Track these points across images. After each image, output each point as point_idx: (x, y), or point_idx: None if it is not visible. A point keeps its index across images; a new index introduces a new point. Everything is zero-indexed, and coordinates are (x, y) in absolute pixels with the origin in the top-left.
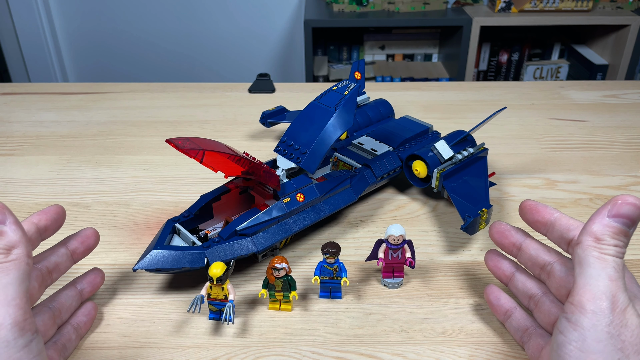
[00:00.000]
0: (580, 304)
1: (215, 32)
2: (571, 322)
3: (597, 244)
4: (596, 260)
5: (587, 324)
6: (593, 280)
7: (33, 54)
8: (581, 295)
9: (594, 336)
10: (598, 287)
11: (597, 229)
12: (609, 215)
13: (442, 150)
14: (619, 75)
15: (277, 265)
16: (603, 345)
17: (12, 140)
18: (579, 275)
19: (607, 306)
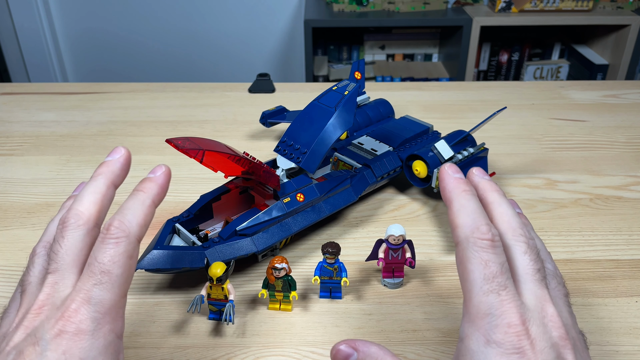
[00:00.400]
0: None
1: (215, 32)
2: None
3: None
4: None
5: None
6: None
7: (33, 54)
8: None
9: None
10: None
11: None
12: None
13: (442, 150)
14: (619, 75)
15: (277, 265)
16: None
17: (11, 140)
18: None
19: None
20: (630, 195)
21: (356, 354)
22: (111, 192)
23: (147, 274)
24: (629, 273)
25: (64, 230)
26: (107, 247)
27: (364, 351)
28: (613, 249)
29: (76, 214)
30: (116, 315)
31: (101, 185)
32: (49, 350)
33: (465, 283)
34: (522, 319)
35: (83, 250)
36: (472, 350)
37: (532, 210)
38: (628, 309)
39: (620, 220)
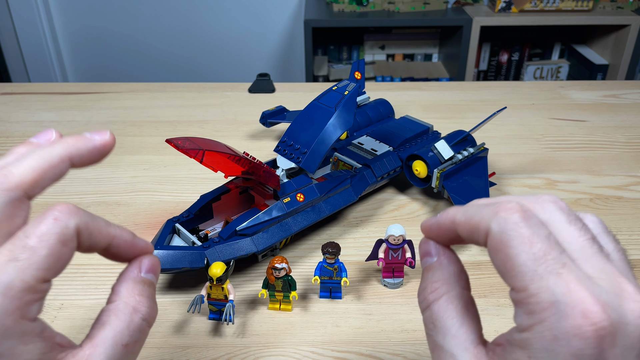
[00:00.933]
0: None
1: (215, 32)
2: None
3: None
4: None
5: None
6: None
7: (33, 54)
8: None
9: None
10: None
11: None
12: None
13: (442, 150)
14: (619, 75)
15: (277, 265)
16: None
17: (12, 140)
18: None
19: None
20: (630, 195)
21: (435, 259)
22: (63, 167)
23: None
24: None
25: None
26: (46, 222)
27: (442, 262)
28: None
29: (5, 174)
30: (31, 300)
31: (54, 155)
32: None
33: (511, 274)
34: (600, 304)
35: (3, 222)
36: (533, 346)
37: None
38: None
39: (620, 220)
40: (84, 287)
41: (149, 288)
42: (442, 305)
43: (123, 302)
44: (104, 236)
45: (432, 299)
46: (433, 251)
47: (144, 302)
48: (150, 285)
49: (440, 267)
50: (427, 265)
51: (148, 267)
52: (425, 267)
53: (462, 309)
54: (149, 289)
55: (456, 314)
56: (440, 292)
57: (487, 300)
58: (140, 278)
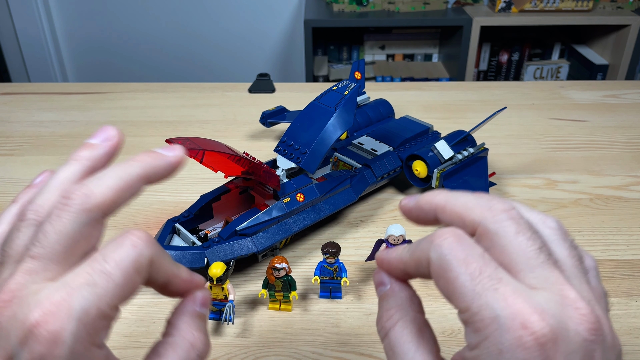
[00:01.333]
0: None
1: (216, 32)
2: None
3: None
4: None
5: None
6: None
7: (33, 54)
8: None
9: None
10: None
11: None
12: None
13: (442, 150)
14: (619, 75)
15: (277, 265)
16: None
17: (12, 140)
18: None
19: None
20: (630, 195)
21: (387, 287)
22: (139, 186)
23: None
24: (629, 273)
25: (63, 210)
26: (124, 247)
27: (394, 289)
28: (613, 249)
29: (86, 195)
30: (102, 327)
31: (132, 175)
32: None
33: (454, 296)
34: (538, 314)
35: (79, 241)
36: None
37: None
38: (628, 309)
39: (620, 220)
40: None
41: (204, 322)
42: (398, 331)
43: (181, 337)
44: (167, 273)
45: (389, 327)
46: (385, 280)
47: (200, 338)
48: (204, 319)
49: (393, 294)
50: (381, 294)
51: (203, 301)
52: (380, 296)
53: (416, 333)
54: (204, 323)
55: (412, 339)
56: (395, 319)
57: None
58: (197, 313)
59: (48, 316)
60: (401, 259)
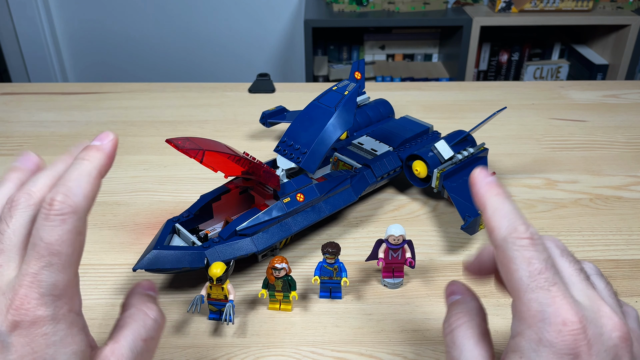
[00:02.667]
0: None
1: (215, 32)
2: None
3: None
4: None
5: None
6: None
7: (33, 54)
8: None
9: None
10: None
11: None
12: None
13: (442, 150)
14: (619, 75)
15: (277, 265)
16: None
17: (12, 140)
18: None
19: None
20: (630, 195)
21: (459, 297)
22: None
23: (147, 274)
24: (629, 273)
25: (11, 210)
26: (52, 224)
27: (465, 299)
28: (613, 249)
29: (27, 194)
30: (72, 294)
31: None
32: (12, 345)
33: (511, 284)
34: (579, 316)
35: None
36: (523, 348)
37: (532, 210)
38: None
39: (620, 220)
40: (84, 287)
41: (153, 299)
42: (462, 330)
43: (136, 308)
44: (96, 190)
45: (455, 326)
46: (458, 290)
47: (153, 307)
48: (153, 298)
49: (464, 302)
50: (453, 301)
51: (147, 287)
52: (451, 303)
53: (478, 335)
54: (153, 299)
55: (473, 337)
56: (462, 320)
57: (486, 300)
58: (144, 292)
59: (24, 302)
60: (486, 203)
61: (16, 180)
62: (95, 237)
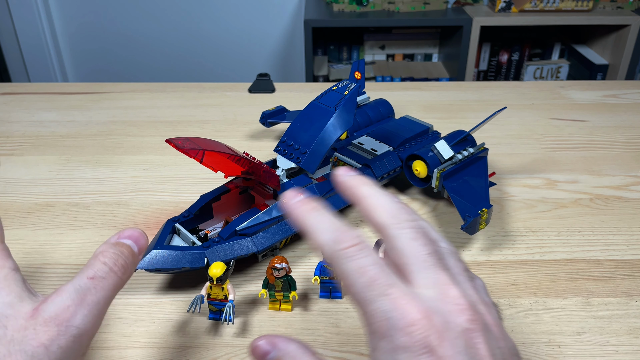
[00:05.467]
0: None
1: (215, 32)
2: None
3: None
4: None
5: None
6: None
7: (33, 54)
8: None
9: None
10: None
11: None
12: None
13: (442, 150)
14: (619, 75)
15: (277, 265)
16: None
17: (11, 140)
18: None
19: None
20: (630, 195)
21: (275, 352)
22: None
23: (147, 274)
24: (629, 273)
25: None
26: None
27: (283, 349)
28: (613, 249)
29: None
30: (4, 256)
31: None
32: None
33: (353, 299)
34: (423, 312)
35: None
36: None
37: (532, 210)
38: (628, 309)
39: (620, 220)
40: None
41: (121, 248)
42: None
43: (93, 257)
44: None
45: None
46: (267, 347)
47: (108, 251)
48: (123, 246)
49: (284, 354)
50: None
51: (125, 235)
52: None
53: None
54: (121, 249)
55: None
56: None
57: None
58: (115, 241)
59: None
60: (305, 223)
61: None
62: (95, 237)
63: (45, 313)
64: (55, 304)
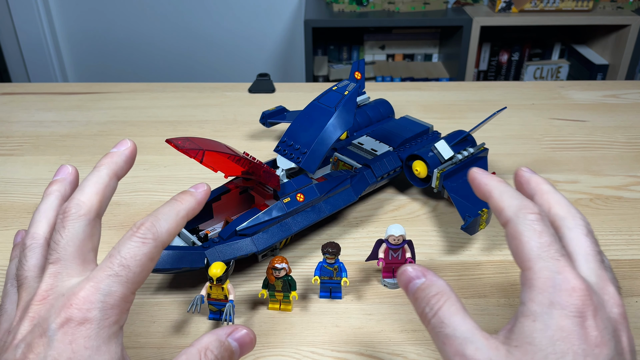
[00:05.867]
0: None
1: (215, 32)
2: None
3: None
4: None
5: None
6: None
7: (33, 54)
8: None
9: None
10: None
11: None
12: None
13: (442, 150)
14: (619, 75)
15: (277, 265)
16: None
17: (12, 140)
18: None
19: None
20: (630, 195)
21: (424, 280)
22: (113, 183)
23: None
24: (629, 273)
25: (65, 220)
26: (133, 243)
27: (431, 280)
28: (613, 249)
29: (77, 204)
30: (123, 309)
31: (104, 176)
32: (56, 340)
33: (522, 255)
34: (585, 287)
35: (84, 240)
36: (535, 312)
37: None
38: (628, 309)
39: (620, 220)
40: None
41: (225, 352)
42: (447, 307)
43: (196, 349)
44: (179, 228)
45: (437, 307)
46: (419, 273)
47: (211, 356)
48: (227, 350)
49: (433, 283)
50: (417, 287)
51: (239, 336)
52: (416, 290)
53: (462, 308)
54: (225, 352)
55: (459, 311)
56: (442, 300)
57: (487, 300)
58: (224, 340)
59: (80, 302)
60: (490, 192)
61: (57, 193)
62: None
63: None
64: None
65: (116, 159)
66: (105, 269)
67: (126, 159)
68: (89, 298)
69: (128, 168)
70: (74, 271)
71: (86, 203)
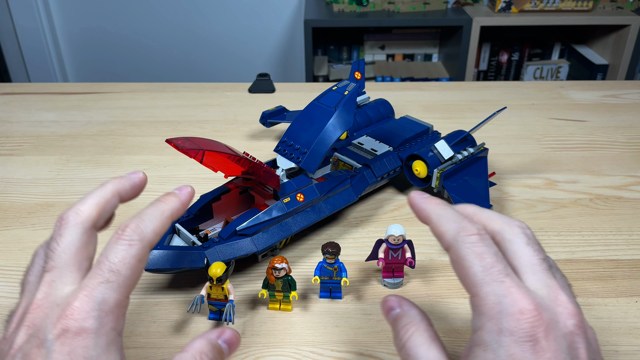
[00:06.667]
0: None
1: (215, 32)
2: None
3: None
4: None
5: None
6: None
7: (33, 54)
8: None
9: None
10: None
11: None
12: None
13: (442, 150)
14: (619, 75)
15: (277, 265)
16: None
17: (12, 140)
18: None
19: None
20: (630, 195)
21: (399, 310)
22: (115, 201)
23: (147, 274)
24: (629, 273)
25: (61, 228)
26: (119, 247)
27: (406, 310)
28: (613, 249)
29: (76, 212)
30: (119, 314)
31: (107, 192)
32: (54, 352)
33: (467, 281)
34: (534, 305)
35: (80, 249)
36: (485, 341)
37: (532, 210)
38: (628, 309)
39: (620, 220)
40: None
41: (218, 354)
42: (413, 339)
43: (190, 354)
44: (165, 228)
45: (406, 338)
46: (395, 304)
47: (206, 359)
48: (220, 352)
49: (405, 313)
50: (394, 316)
51: (227, 337)
52: (393, 319)
53: (429, 340)
54: (217, 354)
55: (425, 342)
56: (411, 331)
57: None
58: (215, 342)
59: (75, 312)
60: (429, 217)
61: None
62: None
63: None
64: None
65: (123, 182)
66: (95, 276)
67: (133, 185)
68: (84, 307)
69: (133, 194)
70: (68, 279)
71: (84, 212)
